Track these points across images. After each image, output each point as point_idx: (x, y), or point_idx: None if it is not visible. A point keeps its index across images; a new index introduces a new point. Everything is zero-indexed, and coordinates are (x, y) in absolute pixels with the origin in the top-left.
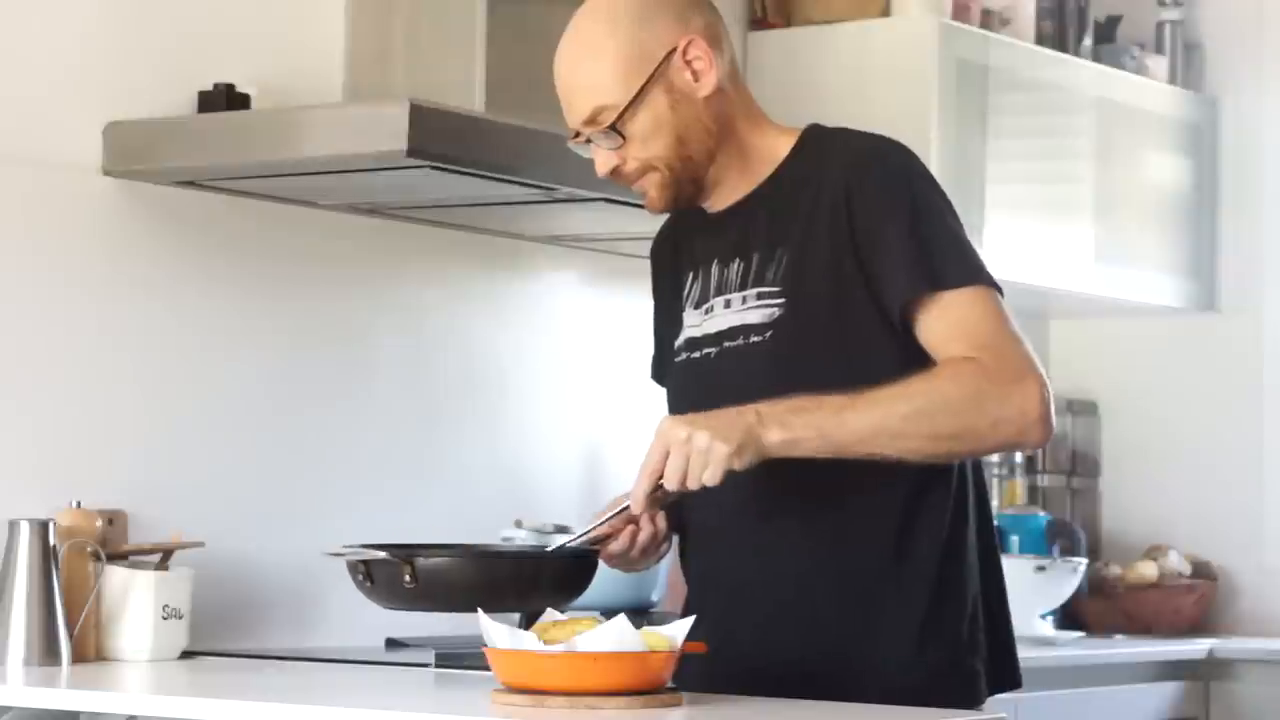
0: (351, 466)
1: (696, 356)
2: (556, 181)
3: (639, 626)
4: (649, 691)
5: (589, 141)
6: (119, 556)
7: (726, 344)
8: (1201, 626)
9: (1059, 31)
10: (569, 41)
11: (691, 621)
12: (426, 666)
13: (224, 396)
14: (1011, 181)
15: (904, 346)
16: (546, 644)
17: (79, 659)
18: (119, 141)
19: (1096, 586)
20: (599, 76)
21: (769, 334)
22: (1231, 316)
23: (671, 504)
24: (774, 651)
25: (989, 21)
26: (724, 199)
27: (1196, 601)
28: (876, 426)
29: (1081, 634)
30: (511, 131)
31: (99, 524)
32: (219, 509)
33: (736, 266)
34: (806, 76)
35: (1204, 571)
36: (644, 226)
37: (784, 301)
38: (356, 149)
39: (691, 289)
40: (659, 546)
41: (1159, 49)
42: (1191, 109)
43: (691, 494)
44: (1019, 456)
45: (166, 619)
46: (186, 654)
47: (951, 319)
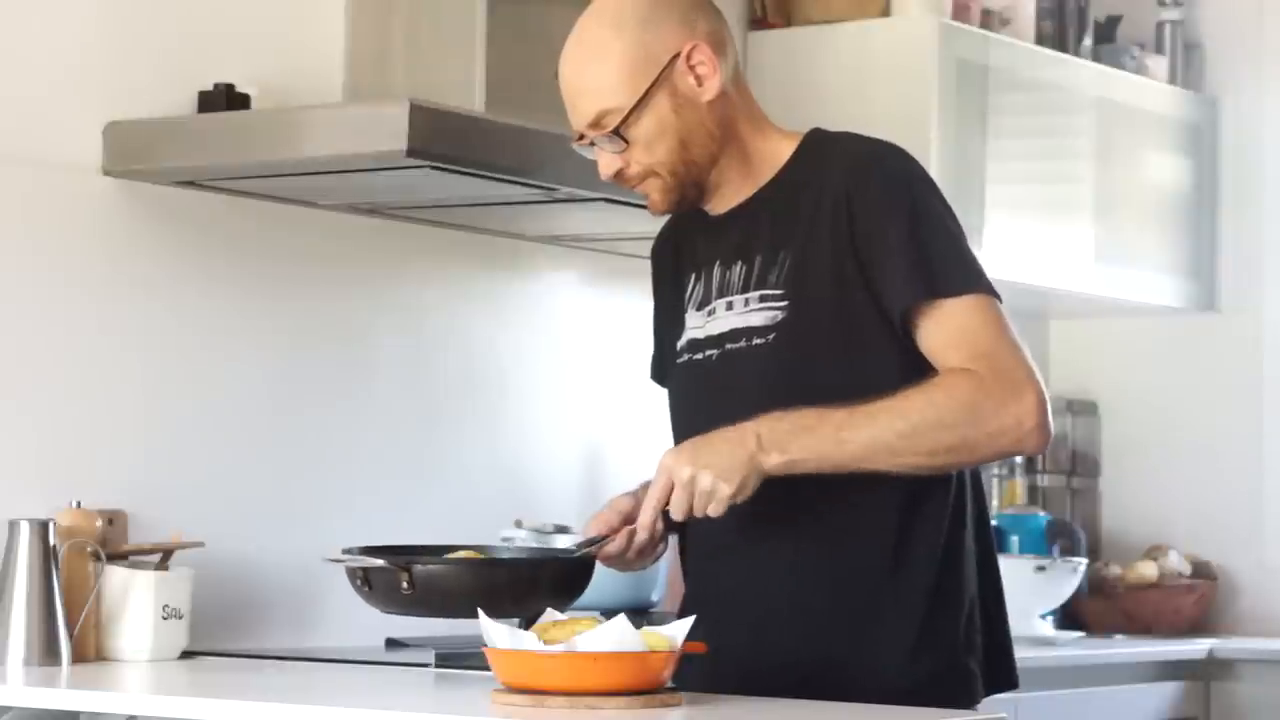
0: (351, 466)
1: (699, 358)
2: (556, 181)
3: (639, 626)
4: (649, 691)
5: (593, 144)
6: (119, 556)
7: (729, 346)
8: (1201, 626)
9: (1059, 31)
10: (574, 45)
11: (691, 621)
12: (426, 666)
13: (224, 396)
14: (1011, 181)
15: (906, 349)
16: (546, 644)
17: (79, 659)
18: (119, 141)
19: (1096, 586)
20: (603, 80)
21: (772, 336)
22: (1231, 316)
23: None
24: (770, 656)
25: (989, 21)
26: (726, 202)
27: (1196, 601)
28: (874, 445)
29: (1081, 634)
30: (511, 131)
31: (99, 524)
32: (219, 509)
33: (739, 269)
34: (806, 76)
35: (1204, 571)
36: (644, 226)
37: (787, 304)
38: (356, 149)
39: (693, 291)
40: (655, 548)
41: (1159, 49)
42: (1191, 109)
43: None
44: (1019, 457)
45: (166, 619)
46: (186, 654)
47: (950, 327)
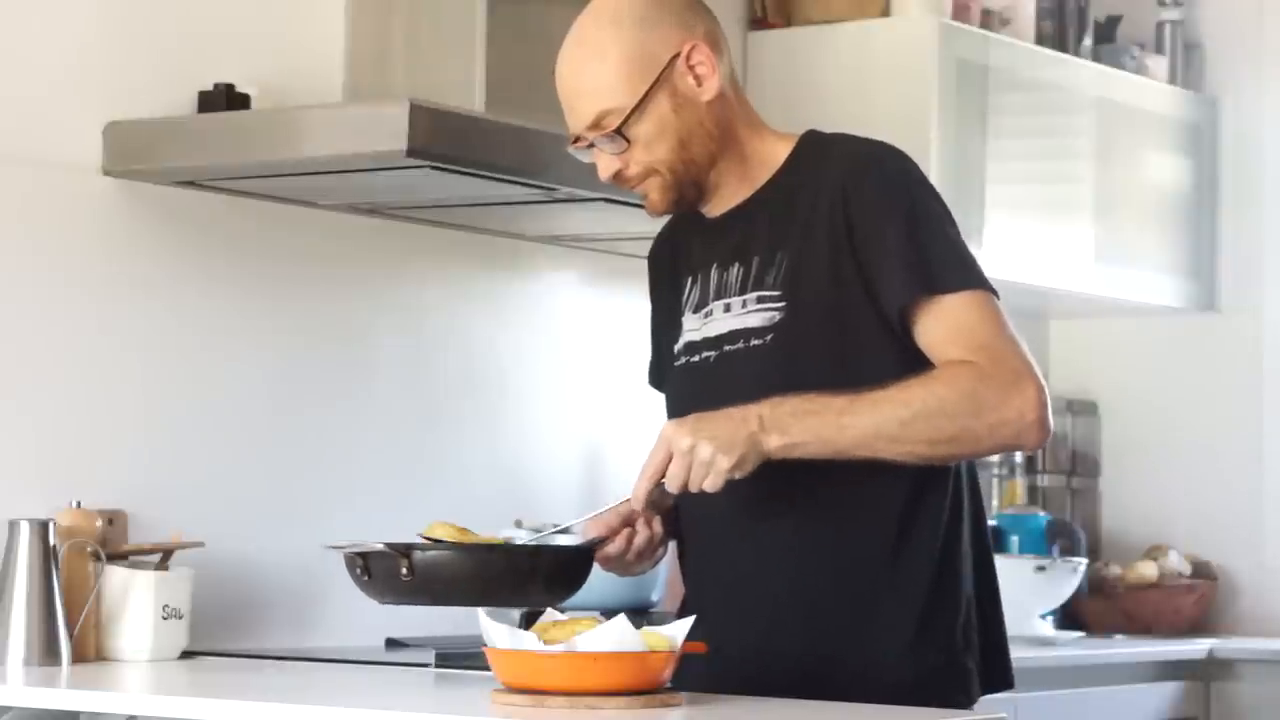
0: (351, 466)
1: (696, 360)
2: (556, 181)
3: (639, 626)
4: (649, 691)
5: (591, 146)
6: (119, 556)
7: (726, 347)
8: (1201, 626)
9: (1059, 31)
10: (572, 46)
11: (691, 621)
12: (426, 666)
13: (224, 396)
14: (1011, 181)
15: (903, 349)
16: (546, 644)
17: (79, 659)
18: (119, 141)
19: (1096, 586)
20: (603, 80)
21: (769, 337)
22: (1231, 316)
23: (669, 508)
24: (770, 652)
25: (989, 21)
26: (723, 203)
27: (1196, 601)
28: (875, 431)
29: (1081, 634)
30: (511, 131)
31: (99, 524)
32: (219, 509)
33: (736, 271)
34: (806, 76)
35: (1204, 571)
36: (643, 226)
37: (784, 305)
38: (356, 149)
39: (690, 293)
40: (655, 550)
41: (1159, 49)
42: (1191, 109)
43: (690, 495)
44: (1019, 456)
45: (166, 619)
46: (186, 654)
47: (949, 323)
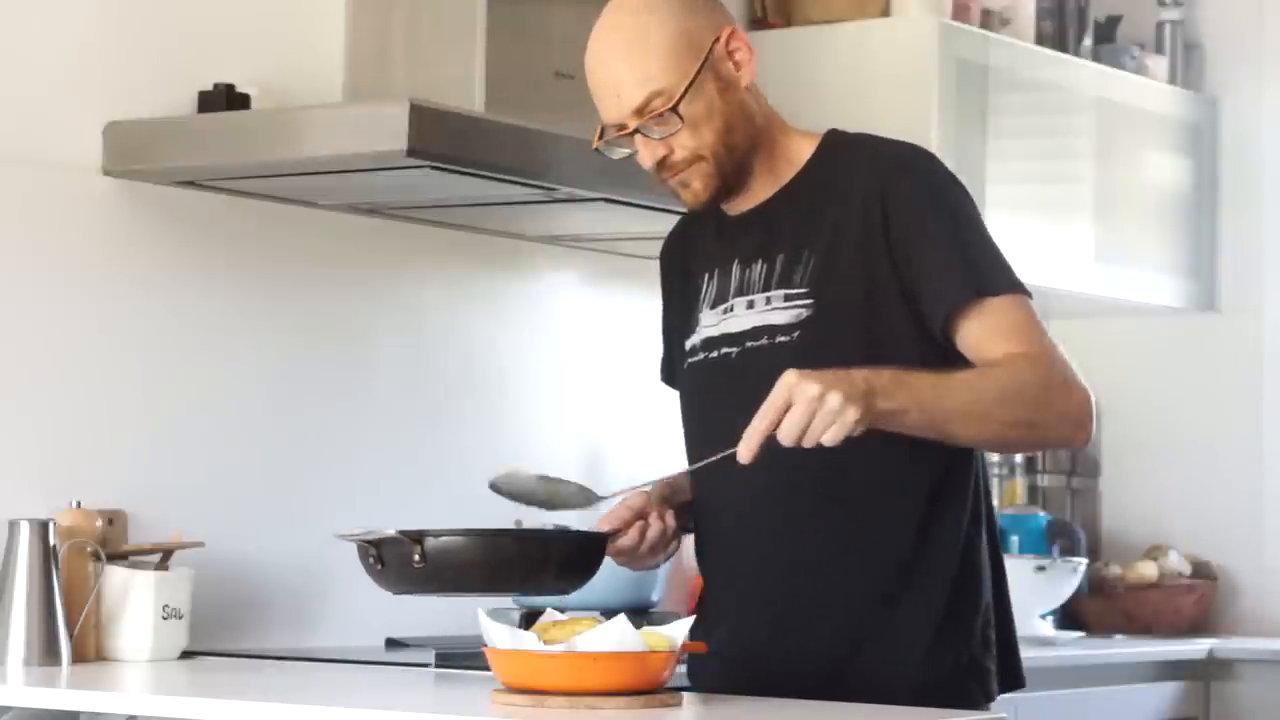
0: (351, 466)
1: (715, 356)
2: (556, 181)
3: (639, 626)
4: (649, 691)
5: (634, 133)
6: (119, 556)
7: (749, 344)
8: (1201, 626)
9: (1059, 31)
10: (609, 33)
11: (691, 621)
12: (426, 666)
13: (224, 396)
14: (1011, 181)
15: (928, 350)
16: (546, 644)
17: (79, 659)
18: (119, 141)
19: (1096, 586)
20: (650, 65)
21: (796, 334)
22: (1231, 316)
23: (683, 504)
24: (791, 651)
25: (989, 21)
26: (747, 200)
27: (1196, 601)
28: (968, 406)
29: (1081, 634)
30: (511, 131)
31: (99, 524)
32: (219, 509)
33: (759, 268)
34: (806, 76)
35: (1204, 571)
36: (644, 226)
37: (811, 303)
38: (356, 149)
39: (707, 289)
40: (668, 544)
41: (1159, 49)
42: (1191, 109)
43: (716, 493)
44: (1019, 456)
45: (166, 619)
46: (186, 654)
47: (999, 323)
